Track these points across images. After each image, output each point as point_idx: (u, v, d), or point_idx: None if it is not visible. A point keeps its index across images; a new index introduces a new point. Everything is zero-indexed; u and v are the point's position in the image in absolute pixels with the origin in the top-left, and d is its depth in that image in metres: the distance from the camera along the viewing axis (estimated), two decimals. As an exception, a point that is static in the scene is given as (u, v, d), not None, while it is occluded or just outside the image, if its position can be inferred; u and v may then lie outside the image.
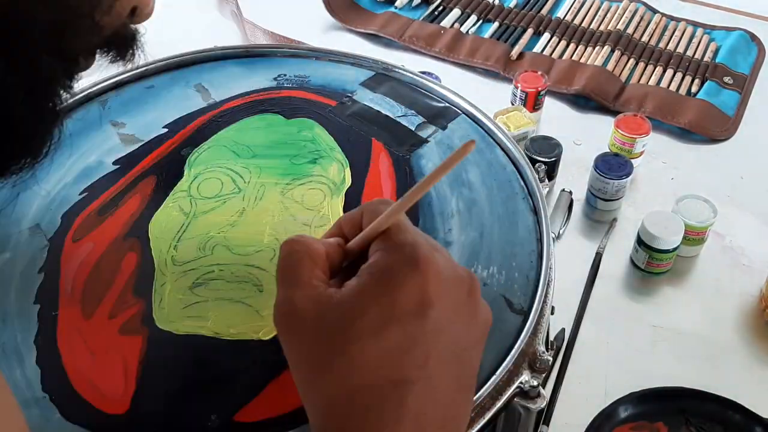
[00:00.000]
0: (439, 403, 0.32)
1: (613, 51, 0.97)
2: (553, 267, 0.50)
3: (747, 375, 0.64)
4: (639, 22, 1.02)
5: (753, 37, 1.00)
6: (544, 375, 0.44)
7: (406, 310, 0.31)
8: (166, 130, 0.58)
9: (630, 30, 1.00)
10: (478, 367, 0.35)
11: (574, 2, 1.05)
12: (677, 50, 0.97)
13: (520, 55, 0.97)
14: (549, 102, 0.89)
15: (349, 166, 0.56)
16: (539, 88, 0.85)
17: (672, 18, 1.03)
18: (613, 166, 0.76)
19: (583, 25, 1.02)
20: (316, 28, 1.02)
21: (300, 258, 0.34)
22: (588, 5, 1.05)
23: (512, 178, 0.55)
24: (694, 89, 0.92)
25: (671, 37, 0.99)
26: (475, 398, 0.41)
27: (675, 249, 0.70)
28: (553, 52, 0.97)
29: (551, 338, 0.64)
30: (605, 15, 1.03)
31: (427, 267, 0.32)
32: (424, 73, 0.67)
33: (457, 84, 0.64)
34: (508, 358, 0.43)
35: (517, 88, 0.85)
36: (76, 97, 0.60)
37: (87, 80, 0.86)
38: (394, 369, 0.31)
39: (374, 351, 0.31)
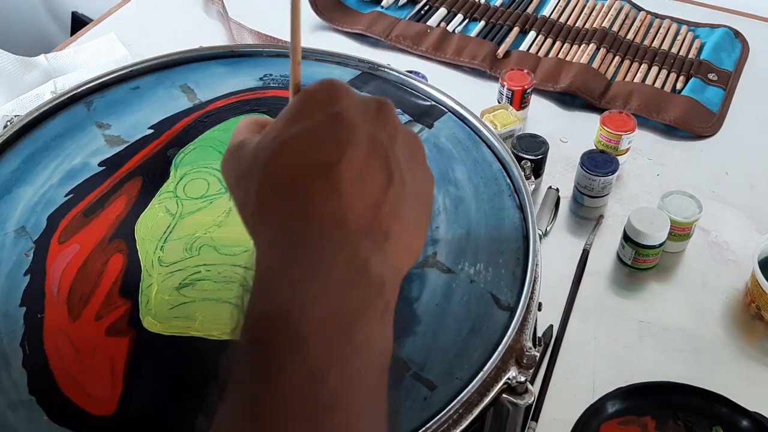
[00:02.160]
0: (367, 188, 0.31)
1: (598, 49, 0.97)
2: (540, 263, 0.50)
3: (733, 368, 0.65)
4: (624, 20, 1.02)
5: (737, 34, 1.01)
6: (531, 371, 0.44)
7: (317, 107, 0.33)
8: (151, 131, 0.58)
9: (615, 28, 1.00)
10: (417, 182, 0.34)
11: (559, 1, 1.06)
12: (662, 47, 0.98)
13: (507, 54, 0.97)
14: (535, 100, 0.90)
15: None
16: (525, 87, 0.85)
17: (657, 15, 1.04)
18: (600, 163, 0.76)
19: (568, 23, 1.02)
20: (303, 28, 1.00)
21: (248, 120, 0.38)
22: (573, 3, 1.05)
23: (499, 176, 0.56)
24: (678, 86, 0.93)
25: (656, 35, 1.00)
26: (462, 394, 0.42)
27: (661, 245, 0.71)
28: (539, 50, 0.98)
29: (539, 335, 0.64)
30: (591, 13, 1.04)
31: (337, 82, 0.34)
32: (410, 72, 0.67)
33: (443, 83, 0.65)
34: (495, 354, 0.44)
35: (503, 86, 0.85)
36: (62, 99, 0.60)
37: (72, 82, 0.85)
38: (315, 154, 0.31)
39: (292, 144, 0.32)
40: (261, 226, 0.32)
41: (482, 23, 1.02)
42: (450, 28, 1.01)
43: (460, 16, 1.03)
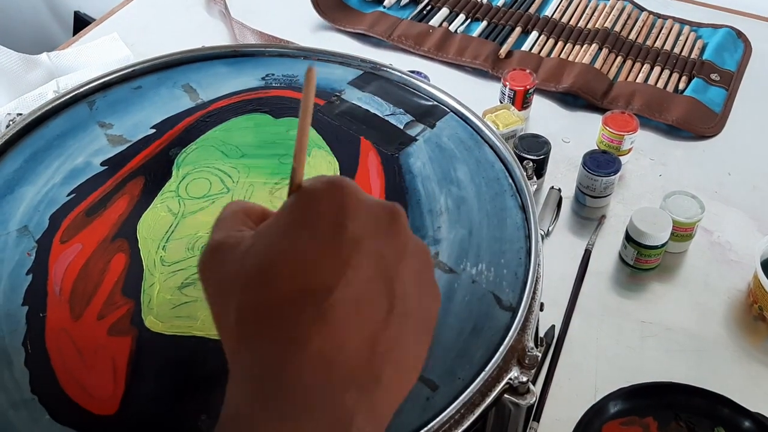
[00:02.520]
0: (365, 320, 0.27)
1: (600, 49, 0.97)
2: (542, 263, 0.50)
3: (735, 369, 0.65)
4: (626, 20, 1.02)
5: (739, 34, 1.01)
6: (533, 371, 0.44)
7: (319, 216, 0.28)
8: (153, 130, 0.58)
9: (617, 28, 1.00)
10: (422, 307, 0.30)
11: (561, 1, 1.06)
12: (664, 48, 0.98)
13: (509, 54, 0.97)
14: (537, 100, 0.90)
15: (338, 165, 0.56)
16: (527, 87, 0.85)
17: (659, 16, 1.04)
18: (602, 163, 0.76)
19: (570, 23, 1.02)
20: (305, 28, 1.02)
21: (233, 210, 0.32)
22: (576, 3, 1.05)
23: (501, 176, 0.56)
24: (681, 86, 0.92)
25: (658, 35, 1.00)
26: (464, 394, 0.42)
27: (663, 245, 0.71)
28: (541, 50, 0.98)
29: (541, 335, 0.64)
30: (593, 13, 1.04)
31: (345, 184, 0.29)
32: (412, 72, 0.67)
33: (445, 83, 0.65)
34: (497, 354, 0.43)
35: (505, 86, 0.85)
36: (64, 98, 0.60)
37: (74, 81, 0.85)
38: (309, 276, 0.27)
39: (284, 260, 0.27)
40: (237, 355, 0.28)
41: (484, 23, 1.02)
42: (452, 28, 1.01)
43: (462, 16, 1.03)
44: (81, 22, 1.51)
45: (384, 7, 1.05)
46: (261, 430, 0.26)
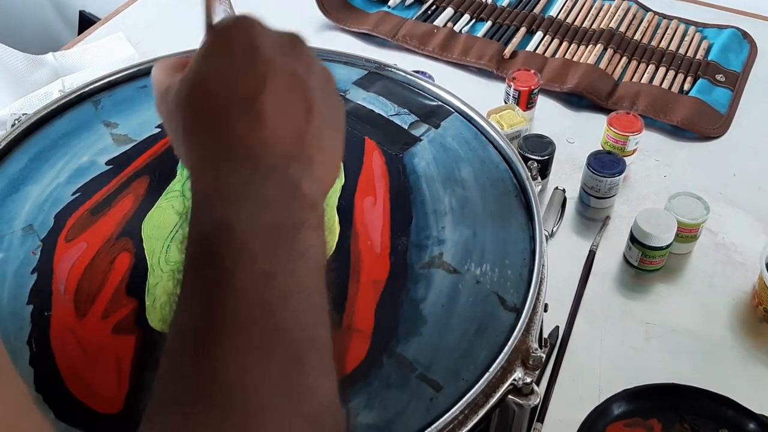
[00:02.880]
0: (290, 118, 0.33)
1: (605, 49, 0.97)
2: (546, 264, 0.50)
3: (740, 371, 0.64)
4: (632, 21, 1.02)
5: (745, 35, 1.01)
6: (537, 372, 0.44)
7: (234, 42, 0.34)
8: (159, 129, 0.58)
9: (623, 28, 1.00)
10: (332, 110, 0.36)
11: (566, 1, 1.06)
12: (669, 48, 0.97)
13: (513, 54, 0.97)
14: (542, 100, 0.89)
15: (342, 164, 0.56)
16: (532, 87, 0.85)
17: (664, 16, 1.04)
18: (606, 163, 0.76)
19: (575, 23, 1.02)
20: (310, 28, 1.02)
21: (162, 63, 0.39)
22: (581, 4, 1.05)
23: (505, 177, 0.56)
24: (686, 87, 0.92)
25: (663, 35, 1.00)
26: (468, 395, 0.42)
27: (668, 246, 0.70)
28: (546, 50, 0.98)
29: (545, 336, 0.64)
30: (598, 13, 1.03)
31: (251, 17, 0.35)
32: (417, 72, 0.67)
33: (450, 83, 0.65)
34: (501, 355, 0.43)
35: (510, 86, 0.85)
36: (69, 97, 0.60)
37: (79, 81, 0.86)
38: (236, 88, 0.33)
39: (212, 79, 0.33)
40: (190, 155, 0.34)
41: (489, 23, 1.02)
42: (457, 28, 1.01)
43: (467, 17, 1.03)
44: (86, 22, 1.51)
45: (389, 6, 1.05)
46: (224, 198, 0.32)
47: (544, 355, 0.45)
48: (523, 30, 1.00)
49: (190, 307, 0.31)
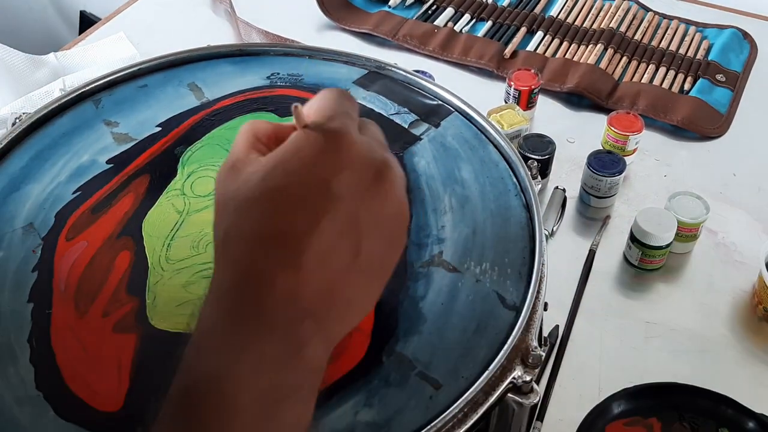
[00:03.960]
0: (328, 268, 0.31)
1: (606, 49, 0.97)
2: (546, 263, 0.50)
3: (740, 370, 0.65)
4: (632, 20, 1.02)
5: (745, 35, 1.01)
6: (537, 370, 0.44)
7: (309, 167, 0.31)
8: (159, 128, 0.59)
9: (623, 28, 1.00)
10: (383, 257, 0.34)
11: (567, 1, 1.06)
12: (670, 48, 0.97)
13: (514, 54, 0.97)
14: (542, 100, 0.90)
15: (343, 163, 0.56)
16: (532, 87, 0.85)
17: (665, 16, 1.04)
18: (606, 163, 0.76)
19: (576, 23, 1.02)
20: (310, 28, 1.02)
21: (245, 130, 0.35)
22: (581, 4, 1.05)
23: (505, 176, 0.56)
24: (686, 87, 0.92)
25: (664, 35, 1.00)
26: (468, 393, 0.42)
27: (668, 245, 0.70)
28: (546, 50, 0.98)
29: (545, 335, 0.64)
30: (598, 13, 1.04)
31: (343, 137, 0.32)
32: (417, 71, 0.67)
33: (450, 82, 0.65)
34: (501, 353, 0.43)
35: (510, 86, 0.85)
36: (70, 97, 0.60)
37: (80, 80, 0.86)
38: (287, 220, 0.30)
39: (270, 201, 0.31)
40: (218, 273, 0.31)
41: (489, 23, 1.02)
42: (457, 27, 1.01)
43: (467, 16, 1.03)
44: (87, 22, 1.52)
45: (389, 6, 1.05)
46: (227, 346, 0.30)
47: (543, 354, 0.45)
48: (523, 30, 1.01)
49: None
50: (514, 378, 0.44)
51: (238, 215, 0.31)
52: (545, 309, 0.51)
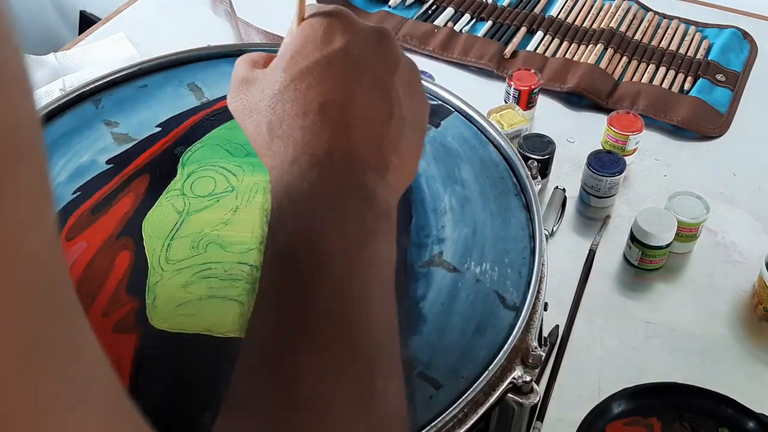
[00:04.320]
0: (370, 123, 0.34)
1: (606, 49, 0.97)
2: (546, 263, 0.50)
3: (739, 370, 0.65)
4: (632, 20, 1.02)
5: (745, 35, 1.01)
6: (537, 370, 0.44)
7: (322, 42, 0.35)
8: (159, 129, 0.59)
9: (623, 28, 1.00)
10: (413, 112, 0.37)
11: (567, 1, 1.06)
12: (670, 48, 0.97)
13: (514, 54, 0.97)
14: (542, 100, 0.89)
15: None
16: (532, 86, 0.85)
17: (665, 16, 1.04)
18: (606, 163, 0.76)
19: (576, 23, 1.02)
20: (310, 28, 1.02)
21: (242, 59, 0.40)
22: (581, 3, 1.05)
23: (505, 176, 0.56)
24: (686, 87, 0.92)
25: (664, 35, 1.00)
26: (468, 393, 0.42)
27: (668, 245, 0.70)
28: (546, 50, 0.98)
29: (545, 335, 0.64)
30: (598, 13, 1.04)
31: (341, 14, 0.35)
32: (417, 71, 0.67)
33: (450, 82, 0.65)
34: (501, 354, 0.43)
35: (510, 86, 0.85)
36: (70, 97, 0.60)
37: (80, 80, 0.86)
38: (322, 92, 0.34)
39: (300, 81, 0.34)
40: (274, 157, 0.35)
41: (489, 23, 1.02)
42: (457, 27, 1.01)
43: (467, 16, 1.03)
44: (86, 22, 1.51)
45: (389, 6, 1.05)
46: (307, 206, 0.33)
47: (543, 354, 0.45)
48: (523, 30, 1.00)
49: (266, 308, 0.32)
50: (514, 378, 0.44)
51: (274, 105, 0.34)
52: (545, 309, 0.52)
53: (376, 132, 0.34)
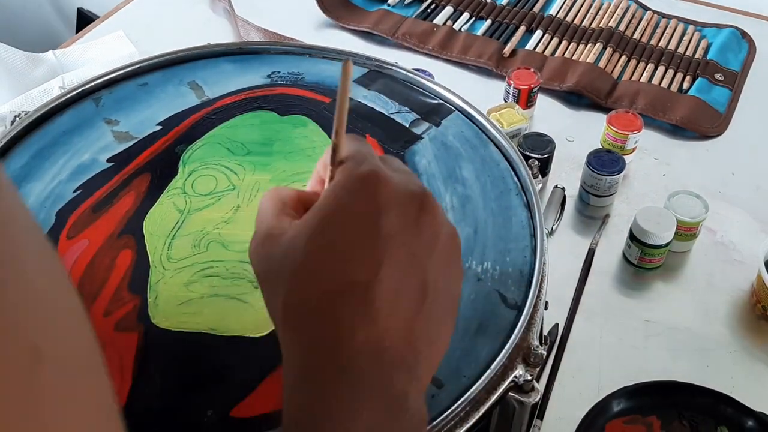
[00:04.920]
0: (402, 309, 0.30)
1: (605, 48, 0.97)
2: (547, 262, 0.50)
3: (738, 369, 0.65)
4: (631, 20, 1.02)
5: (743, 35, 1.01)
6: (538, 369, 0.44)
7: (354, 215, 0.30)
8: (160, 127, 0.58)
9: (622, 27, 1.00)
10: (449, 290, 0.33)
11: (566, 0, 1.06)
12: (669, 47, 0.98)
13: (513, 53, 0.97)
14: (542, 99, 0.90)
15: (344, 162, 0.56)
16: (532, 85, 0.85)
17: (663, 15, 1.04)
18: (606, 162, 0.76)
19: (575, 22, 1.02)
20: (309, 26, 1.02)
21: (271, 199, 0.34)
22: (580, 3, 1.05)
23: (506, 175, 0.56)
24: (685, 86, 0.92)
25: (663, 35, 1.00)
26: (469, 392, 0.42)
27: (667, 244, 0.71)
28: (545, 49, 0.98)
29: (545, 333, 0.64)
30: (597, 12, 1.04)
31: (378, 178, 0.31)
32: (417, 70, 0.67)
33: (450, 81, 0.65)
34: (503, 353, 0.44)
35: (510, 85, 0.86)
36: (70, 95, 0.60)
37: (79, 78, 0.85)
38: (348, 272, 0.29)
39: (325, 257, 0.30)
40: (289, 340, 0.30)
41: (488, 22, 1.02)
42: (456, 26, 1.01)
43: (466, 15, 1.03)
44: (84, 19, 1.51)
45: (388, 5, 1.05)
46: (322, 418, 0.28)
47: (544, 353, 0.45)
48: (522, 28, 1.01)
49: None
50: (515, 377, 0.44)
51: (295, 282, 0.30)
52: (546, 308, 0.52)
53: (406, 316, 0.30)
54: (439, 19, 1.02)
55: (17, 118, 0.58)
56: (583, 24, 1.02)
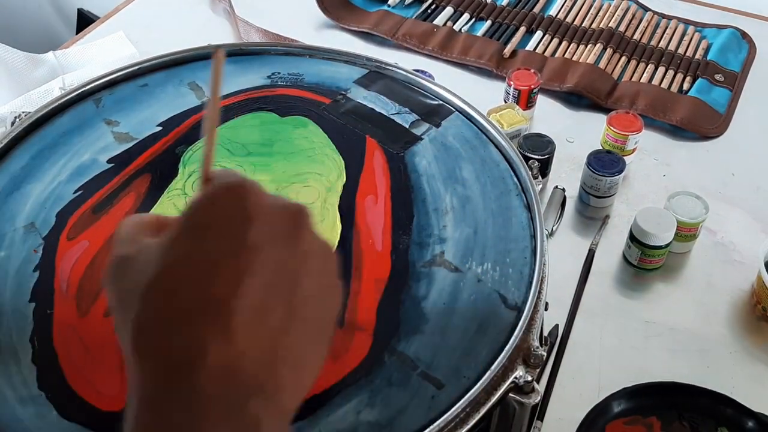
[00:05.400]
0: (264, 327, 0.27)
1: (605, 49, 0.97)
2: (547, 263, 0.50)
3: (739, 369, 0.65)
4: (631, 20, 1.02)
5: (744, 35, 1.01)
6: (538, 370, 0.44)
7: (216, 224, 0.28)
8: (160, 128, 0.59)
9: (622, 28, 1.00)
10: (322, 309, 0.30)
11: (566, 0, 1.06)
12: (669, 48, 0.98)
13: (513, 53, 0.97)
14: (542, 100, 0.90)
15: (344, 163, 0.56)
16: (532, 86, 0.85)
17: (663, 16, 1.04)
18: (606, 163, 0.76)
19: (575, 23, 1.02)
20: (309, 27, 1.02)
21: (128, 223, 0.32)
22: (580, 3, 1.05)
23: (506, 175, 0.56)
24: (685, 87, 0.92)
25: (663, 35, 1.00)
26: (470, 393, 0.42)
27: (667, 245, 0.71)
28: (545, 49, 0.98)
29: (545, 334, 0.64)
30: (597, 13, 1.04)
31: (247, 188, 0.29)
32: (417, 71, 0.67)
33: (450, 82, 0.65)
34: (503, 354, 0.44)
35: (510, 85, 0.86)
36: (70, 96, 0.60)
37: (80, 79, 0.85)
38: (205, 285, 0.27)
39: (180, 271, 0.27)
40: (135, 364, 0.27)
41: (489, 22, 1.02)
42: (456, 27, 1.01)
43: (466, 16, 1.03)
44: (84, 20, 1.51)
45: (388, 5, 1.05)
46: None
47: (545, 354, 0.45)
48: (522, 29, 1.01)
49: None
50: (515, 378, 0.44)
51: (148, 299, 0.27)
52: (546, 308, 0.52)
53: (269, 338, 0.27)
54: (439, 20, 1.02)
55: (17, 119, 0.58)
56: (583, 25, 1.02)
